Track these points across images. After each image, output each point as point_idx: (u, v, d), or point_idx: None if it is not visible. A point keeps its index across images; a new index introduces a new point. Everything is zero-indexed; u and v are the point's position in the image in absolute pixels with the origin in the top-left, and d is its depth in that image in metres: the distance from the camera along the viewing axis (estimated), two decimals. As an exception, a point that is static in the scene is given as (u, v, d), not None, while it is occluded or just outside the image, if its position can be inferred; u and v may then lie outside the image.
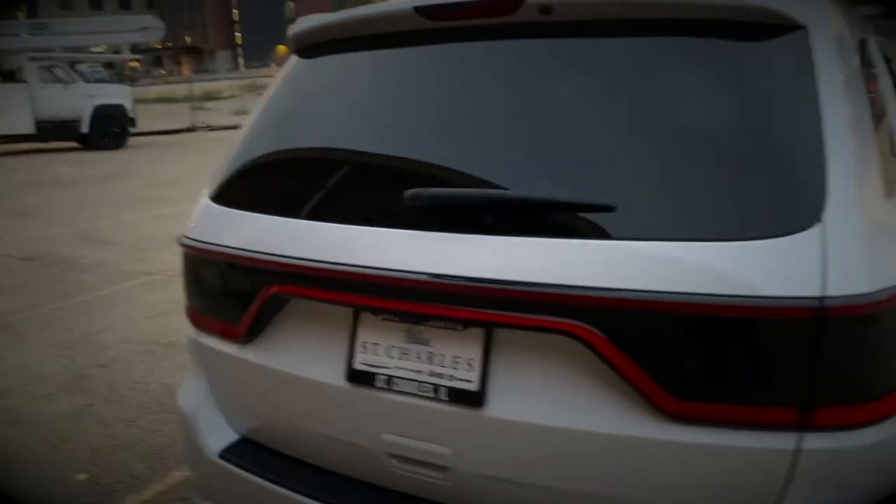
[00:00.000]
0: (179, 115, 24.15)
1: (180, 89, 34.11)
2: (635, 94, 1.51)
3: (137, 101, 20.36)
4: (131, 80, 37.62)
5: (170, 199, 9.37)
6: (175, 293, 2.33)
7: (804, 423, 1.29)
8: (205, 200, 1.95)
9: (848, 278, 1.25)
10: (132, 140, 18.88)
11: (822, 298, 1.24)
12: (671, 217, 1.38)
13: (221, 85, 38.69)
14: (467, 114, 1.65)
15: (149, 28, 20.77)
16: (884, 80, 2.06)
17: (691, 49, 1.50)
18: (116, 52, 23.41)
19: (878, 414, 1.30)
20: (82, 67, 23.11)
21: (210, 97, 32.58)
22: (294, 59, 2.03)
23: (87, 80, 19.73)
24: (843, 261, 1.26)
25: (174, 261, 2.11)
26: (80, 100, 17.76)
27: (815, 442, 1.29)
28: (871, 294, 1.25)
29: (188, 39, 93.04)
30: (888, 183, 1.56)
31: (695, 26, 1.50)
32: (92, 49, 26.17)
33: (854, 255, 1.27)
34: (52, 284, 6.22)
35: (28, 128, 17.34)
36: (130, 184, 12.11)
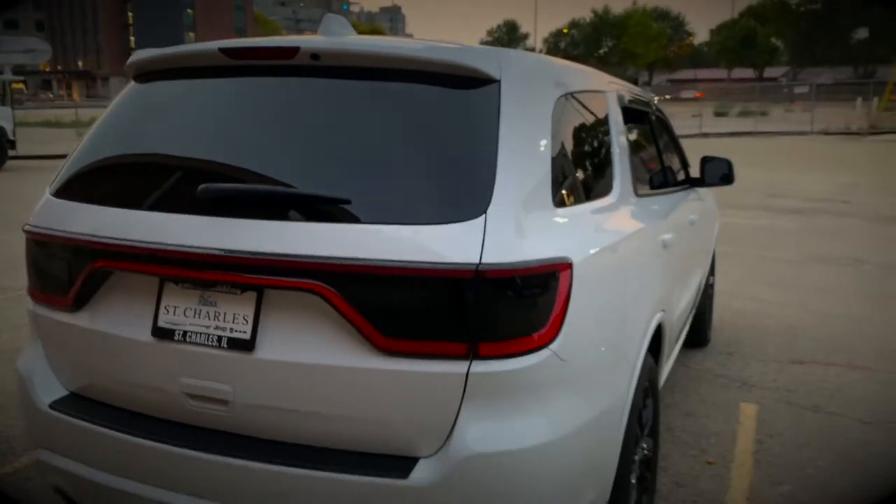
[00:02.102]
0: (65, 141, 23.58)
1: (68, 114, 33.19)
2: (375, 122, 2.04)
3: (20, 124, 19.79)
4: (16, 102, 36.18)
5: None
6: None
7: (472, 354, 1.82)
8: (46, 195, 2.35)
9: (497, 252, 1.81)
10: (12, 164, 18.38)
11: (478, 264, 1.79)
12: (389, 209, 1.90)
13: (112, 112, 37.68)
14: (254, 129, 2.15)
15: (34, 50, 20.35)
16: (590, 127, 2.66)
17: (416, 90, 2.05)
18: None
19: (524, 348, 1.85)
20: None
21: (98, 123, 31.71)
22: (131, 83, 2.47)
23: None
24: (496, 241, 1.82)
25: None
26: None
27: (479, 367, 1.82)
28: (512, 263, 1.81)
29: (80, 64, 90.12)
30: (564, 196, 2.14)
31: (421, 74, 2.05)
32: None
33: (503, 238, 1.83)
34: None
35: None
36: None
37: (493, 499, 1.85)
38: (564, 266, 1.93)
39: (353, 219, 1.90)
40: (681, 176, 4.32)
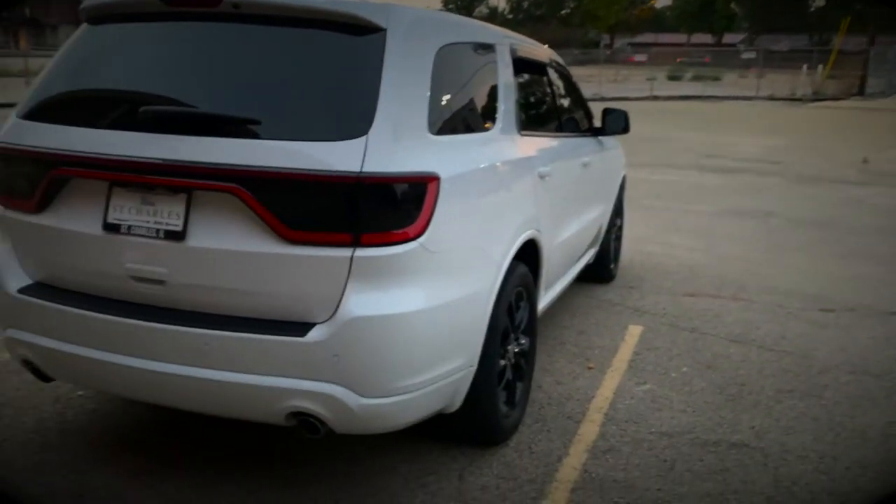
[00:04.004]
0: (14, 90, 23.29)
1: (16, 63, 32.52)
2: (283, 60, 2.54)
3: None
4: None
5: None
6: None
7: (355, 242, 2.35)
8: (12, 118, 2.80)
9: (375, 164, 2.33)
10: (-40, 110, 18.27)
11: (360, 172, 2.31)
12: (293, 129, 2.41)
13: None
14: (189, 64, 2.64)
15: None
16: (477, 71, 3.20)
17: (319, 34, 2.55)
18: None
19: (396, 239, 2.39)
20: None
21: (50, 72, 31.17)
22: (84, 25, 2.92)
23: None
24: (374, 155, 2.34)
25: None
26: None
27: (361, 252, 2.36)
28: (385, 173, 2.34)
29: (27, 12, 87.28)
30: (441, 126, 2.68)
31: (324, 22, 2.55)
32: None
33: (380, 154, 2.36)
34: None
35: None
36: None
37: (372, 351, 2.40)
38: (432, 179, 2.46)
39: (263, 136, 2.40)
40: (583, 125, 4.88)
